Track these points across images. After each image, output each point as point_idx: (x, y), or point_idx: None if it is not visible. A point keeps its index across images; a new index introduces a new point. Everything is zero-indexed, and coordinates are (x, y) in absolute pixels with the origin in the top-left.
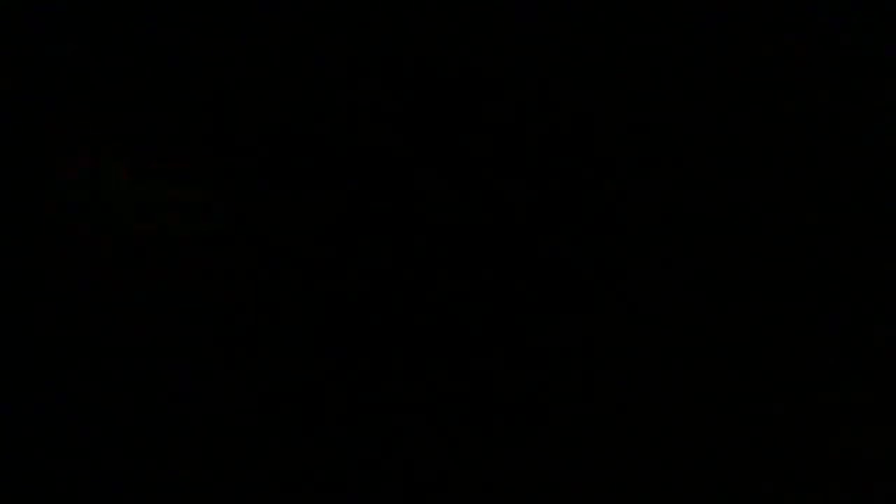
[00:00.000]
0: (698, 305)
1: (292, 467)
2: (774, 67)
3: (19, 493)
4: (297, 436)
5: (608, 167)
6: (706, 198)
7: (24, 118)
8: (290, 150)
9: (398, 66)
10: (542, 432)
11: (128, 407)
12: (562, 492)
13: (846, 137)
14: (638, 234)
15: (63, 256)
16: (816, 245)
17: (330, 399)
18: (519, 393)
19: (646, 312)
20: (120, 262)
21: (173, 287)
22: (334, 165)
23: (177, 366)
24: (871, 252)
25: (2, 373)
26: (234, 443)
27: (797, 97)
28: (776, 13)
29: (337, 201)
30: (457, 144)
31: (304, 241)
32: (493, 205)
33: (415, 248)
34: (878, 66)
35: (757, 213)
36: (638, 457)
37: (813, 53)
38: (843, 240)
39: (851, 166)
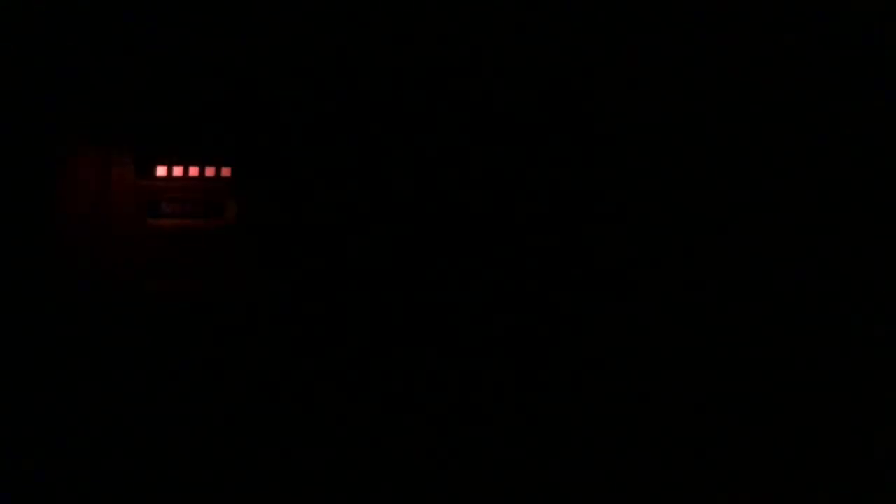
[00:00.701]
0: (698, 305)
1: (292, 467)
2: (774, 67)
3: (19, 492)
4: (297, 435)
5: (608, 166)
6: (706, 198)
7: (25, 118)
8: (290, 149)
9: (398, 65)
10: (541, 432)
11: (128, 407)
12: (562, 492)
13: (846, 137)
14: (638, 233)
15: (63, 256)
16: (816, 245)
17: (329, 398)
18: (518, 392)
19: (645, 312)
20: (120, 261)
21: (173, 287)
22: (334, 164)
23: (177, 365)
24: (872, 252)
25: (2, 373)
26: (234, 443)
27: (797, 97)
28: (776, 13)
29: (336, 199)
30: (455, 143)
31: (304, 240)
32: (492, 203)
33: (414, 247)
34: (879, 66)
35: (757, 213)
36: (638, 457)
37: (813, 53)
38: (843, 240)
39: (851, 166)
